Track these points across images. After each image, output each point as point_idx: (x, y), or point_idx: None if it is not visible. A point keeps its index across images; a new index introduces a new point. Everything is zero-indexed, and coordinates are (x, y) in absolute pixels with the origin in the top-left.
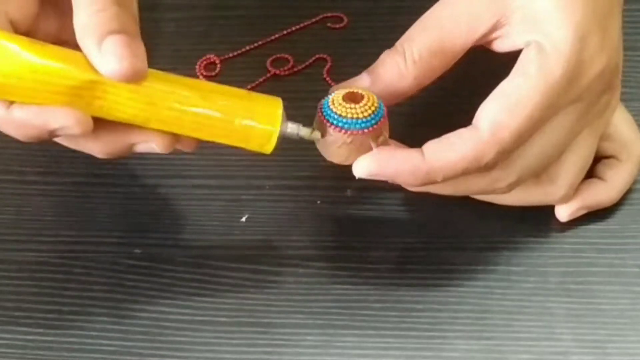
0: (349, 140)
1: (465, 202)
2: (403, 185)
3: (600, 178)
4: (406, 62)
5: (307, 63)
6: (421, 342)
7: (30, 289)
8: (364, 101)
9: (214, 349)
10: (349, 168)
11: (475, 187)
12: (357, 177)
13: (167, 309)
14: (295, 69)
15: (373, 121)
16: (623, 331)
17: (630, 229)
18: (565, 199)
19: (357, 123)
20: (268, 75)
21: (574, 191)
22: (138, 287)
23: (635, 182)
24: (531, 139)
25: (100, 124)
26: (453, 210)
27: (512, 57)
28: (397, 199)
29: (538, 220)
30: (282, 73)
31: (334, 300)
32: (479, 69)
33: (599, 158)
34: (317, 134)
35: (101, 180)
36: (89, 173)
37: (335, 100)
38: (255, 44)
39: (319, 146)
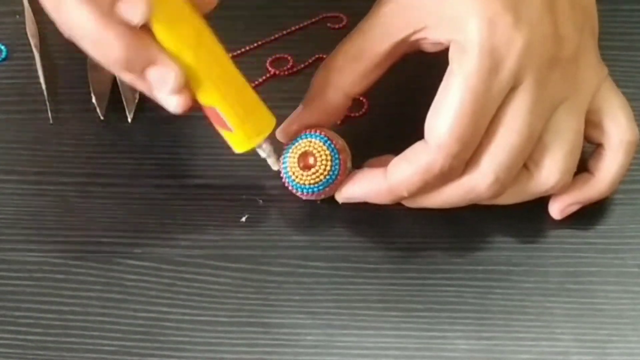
0: (314, 198)
1: None
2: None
3: (588, 171)
4: (330, 72)
5: (307, 63)
6: (421, 342)
7: (30, 289)
8: (317, 166)
9: (214, 349)
10: None
11: (456, 197)
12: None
13: (167, 309)
14: (295, 69)
15: (330, 181)
16: (623, 331)
17: (630, 229)
18: (560, 185)
19: (311, 188)
20: (268, 75)
21: (570, 178)
22: (138, 287)
23: (634, 181)
24: (489, 135)
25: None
26: (453, 210)
27: None
28: None
29: (538, 220)
30: (282, 73)
31: (334, 300)
32: None
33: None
34: (277, 167)
35: (101, 180)
36: (89, 173)
37: (291, 166)
38: (255, 44)
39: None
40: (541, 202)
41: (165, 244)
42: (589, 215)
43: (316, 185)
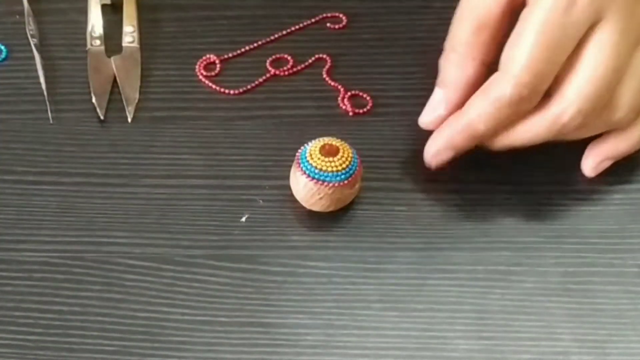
0: (330, 191)
1: (465, 202)
2: (472, 147)
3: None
4: (458, 51)
5: (307, 63)
6: (421, 342)
7: (30, 289)
8: (340, 154)
9: (214, 349)
10: None
11: (540, 130)
12: (433, 165)
13: (167, 309)
14: (295, 69)
15: (351, 171)
16: (623, 331)
17: (630, 229)
18: (627, 123)
19: (336, 176)
20: (268, 75)
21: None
22: (138, 287)
23: (634, 181)
24: (575, 66)
25: None
26: (453, 210)
27: None
28: (397, 199)
29: (538, 220)
30: (282, 73)
31: (334, 300)
32: None
33: None
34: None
35: (101, 180)
36: (89, 173)
37: (312, 154)
38: (255, 44)
39: (299, 197)
40: (541, 202)
41: (165, 244)
42: (589, 215)
43: (344, 171)
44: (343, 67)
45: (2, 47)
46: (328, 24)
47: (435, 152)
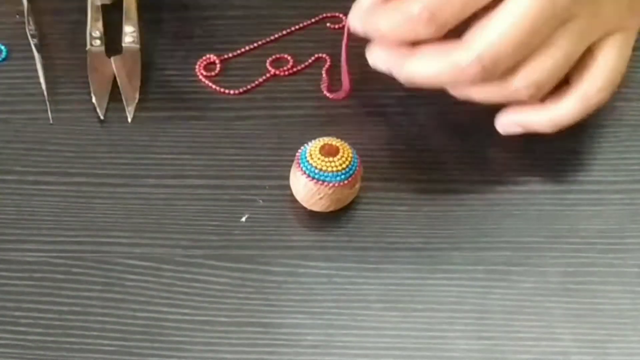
0: (330, 191)
1: (465, 202)
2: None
3: (541, 100)
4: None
5: (307, 63)
6: (421, 342)
7: (30, 289)
8: (340, 154)
9: (214, 349)
10: None
11: (441, 68)
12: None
13: (167, 309)
14: (295, 69)
15: (351, 171)
16: (623, 331)
17: (630, 229)
18: (527, 96)
19: (336, 176)
20: (268, 75)
21: (538, 92)
22: (138, 287)
23: (634, 181)
24: (486, 18)
25: None
26: (453, 210)
27: None
28: (397, 198)
29: (538, 220)
30: (282, 73)
31: (334, 300)
32: None
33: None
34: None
35: (101, 180)
36: (89, 173)
37: (312, 154)
38: (255, 44)
39: (299, 197)
40: (541, 202)
41: (165, 244)
42: (589, 215)
43: (344, 171)
44: None
45: (2, 47)
46: (328, 24)
47: (374, 62)
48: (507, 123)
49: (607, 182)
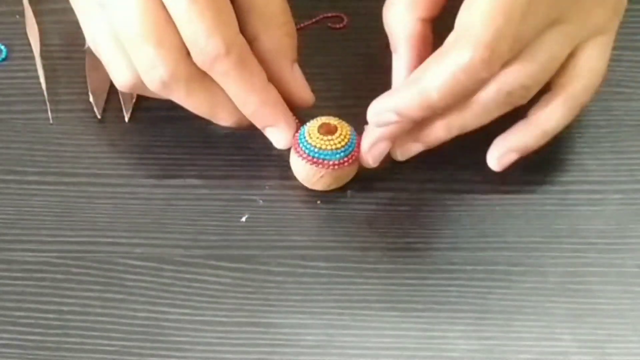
0: (330, 170)
1: (465, 202)
2: (418, 118)
3: (527, 117)
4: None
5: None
6: (421, 342)
7: (30, 289)
8: (339, 132)
9: (214, 349)
10: None
11: (491, 97)
12: (375, 124)
13: (167, 309)
14: None
15: (350, 149)
16: (623, 331)
17: (630, 229)
18: (515, 97)
19: (336, 154)
20: None
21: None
22: (138, 287)
23: (634, 181)
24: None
25: None
26: (453, 210)
27: None
28: (397, 199)
29: (538, 220)
30: None
31: (334, 300)
32: None
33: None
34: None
35: (101, 180)
36: (89, 173)
37: (311, 133)
38: None
39: (300, 178)
40: (541, 202)
41: (165, 244)
42: (589, 215)
43: (344, 148)
44: (343, 67)
45: (2, 47)
46: (328, 24)
47: (378, 111)
48: (500, 154)
49: (607, 182)
